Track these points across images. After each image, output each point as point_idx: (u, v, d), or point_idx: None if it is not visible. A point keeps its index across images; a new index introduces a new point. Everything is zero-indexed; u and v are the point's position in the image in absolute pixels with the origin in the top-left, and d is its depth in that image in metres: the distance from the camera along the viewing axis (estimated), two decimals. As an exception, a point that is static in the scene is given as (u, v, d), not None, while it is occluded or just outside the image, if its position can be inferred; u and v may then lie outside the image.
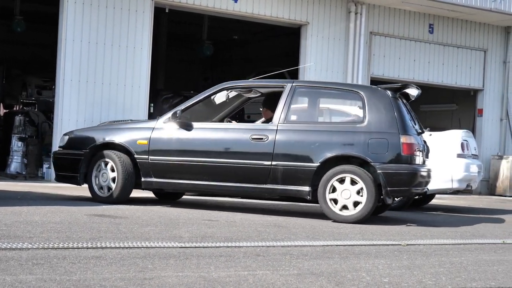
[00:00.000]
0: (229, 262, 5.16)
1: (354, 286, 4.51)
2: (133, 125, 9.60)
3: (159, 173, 9.04)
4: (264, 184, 8.69)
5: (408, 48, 18.51)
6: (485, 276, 5.26)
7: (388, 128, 8.60)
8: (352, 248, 6.34)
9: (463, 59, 19.42)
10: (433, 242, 7.18)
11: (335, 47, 17.25)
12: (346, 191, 8.43)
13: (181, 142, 9.03)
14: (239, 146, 8.88)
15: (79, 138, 9.64)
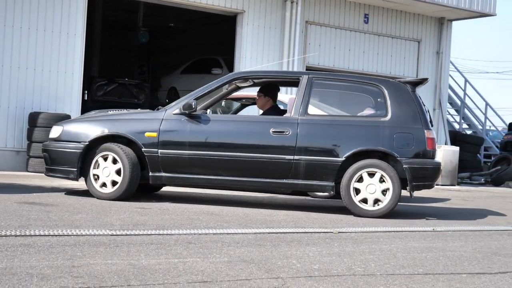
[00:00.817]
0: (160, 249, 5.13)
1: (284, 273, 4.53)
2: (136, 115, 8.85)
3: (170, 167, 8.50)
4: (285, 179, 8.46)
5: (343, 38, 18.62)
6: (413, 263, 5.33)
7: (412, 123, 8.66)
8: (284, 236, 6.37)
9: (397, 49, 19.63)
10: (364, 229, 7.26)
11: (271, 36, 17.25)
12: (372, 186, 8.42)
13: (195, 135, 8.53)
14: (258, 139, 8.54)
15: (76, 129, 8.75)
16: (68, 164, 8.60)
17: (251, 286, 4.06)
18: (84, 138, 8.60)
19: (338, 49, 18.49)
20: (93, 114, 9.16)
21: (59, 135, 8.76)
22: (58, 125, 8.97)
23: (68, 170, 8.60)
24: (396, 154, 8.48)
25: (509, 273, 5.19)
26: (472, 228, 8.08)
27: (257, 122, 8.80)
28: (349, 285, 4.32)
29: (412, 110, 8.73)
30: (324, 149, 8.50)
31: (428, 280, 4.66)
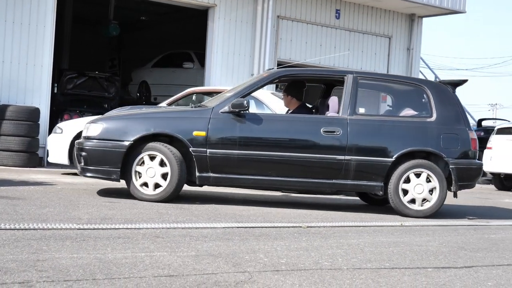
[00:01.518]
0: (127, 243, 5.10)
1: (251, 267, 4.53)
2: (180, 114, 8.45)
3: (219, 167, 8.18)
4: (334, 179, 8.38)
5: (314, 33, 18.66)
6: (380, 257, 5.36)
7: (456, 123, 8.77)
8: (253, 230, 6.37)
9: (368, 45, 19.72)
10: (333, 224, 7.28)
11: (243, 31, 17.24)
12: (419, 186, 8.48)
13: (244, 134, 8.24)
14: (309, 139, 8.40)
15: (118, 127, 8.19)
16: (110, 164, 8.08)
17: (218, 280, 4.06)
18: (128, 136, 8.09)
19: (309, 44, 18.54)
20: (130, 111, 8.63)
21: (99, 133, 8.15)
22: (96, 122, 8.35)
23: (110, 170, 8.08)
24: (443, 154, 8.57)
25: (474, 267, 5.23)
26: (439, 223, 8.14)
27: (307, 121, 8.58)
28: (316, 279, 4.33)
29: (455, 110, 8.87)
30: (374, 149, 8.49)
31: (394, 274, 4.69)
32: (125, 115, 8.42)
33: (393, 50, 20.14)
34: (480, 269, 5.19)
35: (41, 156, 13.99)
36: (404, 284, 4.41)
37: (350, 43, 19.29)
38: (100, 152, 8.12)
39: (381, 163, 8.42)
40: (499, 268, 5.28)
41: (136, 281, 3.89)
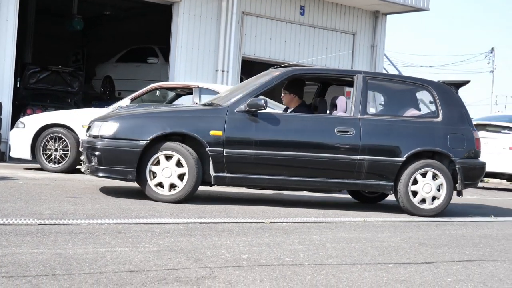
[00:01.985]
0: (88, 239, 5.07)
1: (212, 263, 4.53)
2: (194, 113, 8.30)
3: (235, 167, 8.09)
4: (347, 179, 8.46)
5: (279, 29, 18.69)
6: (342, 253, 5.39)
7: (461, 124, 8.98)
8: (216, 226, 6.37)
9: (333, 42, 19.79)
10: (296, 220, 7.30)
11: (207, 26, 17.21)
12: (428, 185, 8.63)
13: (261, 133, 8.19)
14: (324, 139, 8.42)
15: (134, 126, 7.98)
16: (126, 164, 7.84)
17: (178, 276, 4.06)
18: (144, 135, 7.87)
19: (274, 40, 18.56)
20: (143, 110, 8.39)
21: (114, 133, 7.89)
22: (110, 121, 8.04)
23: (125, 170, 7.84)
24: (451, 154, 8.75)
25: (435, 263, 5.29)
26: (401, 219, 8.21)
27: (321, 121, 8.62)
28: (277, 274, 4.34)
29: (459, 111, 9.06)
30: (385, 149, 8.59)
31: (355, 270, 4.72)
32: (139, 114, 8.20)
33: (357, 46, 20.23)
34: (440, 264, 5.24)
35: (3, 151, 13.84)
36: (365, 280, 4.44)
37: (315, 40, 19.34)
38: (116, 152, 7.86)
39: (391, 163, 8.55)
40: (459, 264, 5.34)
41: (96, 276, 3.87)
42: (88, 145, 8.10)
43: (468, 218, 8.98)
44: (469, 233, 7.37)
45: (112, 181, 10.24)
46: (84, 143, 8.30)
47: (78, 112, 11.93)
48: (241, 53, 17.96)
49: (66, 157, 11.36)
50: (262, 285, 4.02)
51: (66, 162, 11.34)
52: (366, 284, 4.30)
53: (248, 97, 8.22)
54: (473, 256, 5.78)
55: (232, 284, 3.98)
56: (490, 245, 6.52)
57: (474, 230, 7.70)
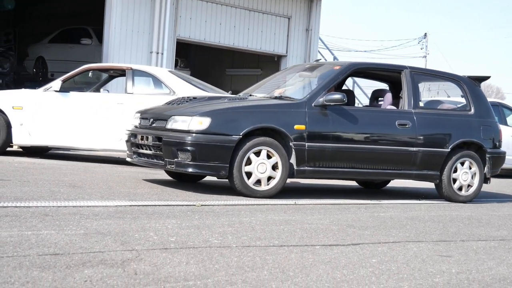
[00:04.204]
0: (14, 222, 5.01)
1: (140, 246, 4.52)
2: (277, 107, 8.32)
3: (314, 160, 8.35)
4: (404, 169, 9.07)
5: (214, 12, 18.64)
6: (270, 235, 5.44)
7: (488, 116, 9.90)
8: (146, 208, 6.35)
9: (268, 25, 19.83)
10: (227, 203, 7.32)
11: (142, 7, 17.06)
12: (465, 174, 9.49)
13: (337, 127, 8.52)
14: (389, 131, 8.94)
15: (225, 121, 7.91)
16: (219, 159, 7.78)
17: (104, 258, 4.04)
18: (236, 130, 7.85)
19: (209, 23, 18.52)
20: (226, 104, 8.33)
21: (207, 127, 7.76)
22: (201, 115, 7.86)
23: (219, 166, 7.78)
24: (484, 145, 9.63)
25: (361, 244, 5.38)
26: (332, 201, 8.31)
27: (385, 114, 9.15)
28: (204, 256, 4.36)
29: (485, 104, 9.97)
30: (436, 140, 9.27)
31: (282, 252, 4.77)
32: (228, 108, 8.10)
33: (292, 30, 20.32)
34: (366, 246, 5.33)
35: None
36: (291, 261, 4.49)
37: (250, 23, 19.36)
38: (210, 147, 7.76)
39: (440, 154, 9.26)
40: (384, 245, 5.44)
41: (19, 259, 3.83)
42: (172, 140, 7.87)
43: (397, 200, 9.13)
44: (397, 215, 7.50)
45: (43, 163, 10.12)
46: (161, 137, 8.01)
47: (8, 93, 11.72)
48: (176, 35, 17.87)
49: (-4, 139, 11.13)
50: (188, 267, 4.04)
51: (-4, 144, 11.13)
52: (291, 265, 4.35)
53: (322, 91, 8.53)
54: (398, 238, 5.89)
55: (157, 266, 3.99)
56: (416, 227, 6.65)
57: (402, 212, 7.84)
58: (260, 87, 9.81)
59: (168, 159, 7.92)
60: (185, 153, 7.79)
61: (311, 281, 3.99)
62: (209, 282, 3.76)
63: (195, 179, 9.40)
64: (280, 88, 9.40)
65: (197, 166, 7.76)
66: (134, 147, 8.57)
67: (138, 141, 8.42)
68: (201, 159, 7.74)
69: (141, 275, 3.75)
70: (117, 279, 3.63)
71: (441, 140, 9.33)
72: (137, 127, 8.71)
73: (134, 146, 8.57)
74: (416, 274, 4.46)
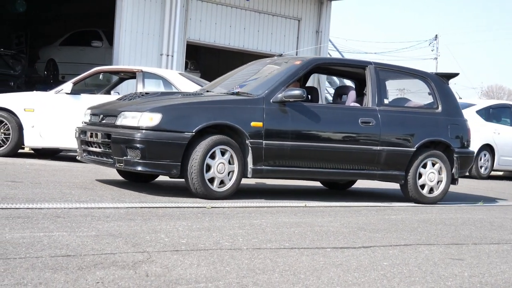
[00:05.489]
0: (26, 223, 5.03)
1: (151, 247, 4.53)
2: (233, 103, 7.86)
3: (272, 159, 7.88)
4: (368, 169, 8.67)
5: (224, 14, 18.65)
6: (281, 237, 5.43)
7: (456, 114, 9.45)
8: (156, 210, 6.36)
9: (278, 27, 19.83)
10: (237, 205, 7.32)
11: (152, 10, 17.09)
12: (432, 174, 9.05)
13: (297, 124, 8.06)
14: (352, 130, 8.51)
15: (177, 117, 7.45)
16: (170, 157, 7.34)
17: (116, 260, 4.05)
18: (188, 127, 7.40)
19: (219, 25, 18.53)
20: (179, 99, 7.89)
21: (158, 124, 7.31)
22: (151, 111, 7.42)
23: (170, 164, 7.34)
24: (452, 144, 9.19)
25: (372, 247, 5.37)
26: (342, 204, 8.29)
27: (348, 112, 8.74)
28: (215, 259, 4.37)
29: (453, 102, 9.55)
30: (401, 139, 8.86)
31: (293, 254, 4.77)
32: (181, 104, 7.67)
33: (303, 32, 20.31)
34: (377, 249, 5.32)
35: None
36: (302, 263, 4.49)
37: (260, 25, 19.37)
38: (161, 145, 7.31)
39: (405, 153, 8.84)
40: (396, 248, 5.43)
41: (32, 261, 3.84)
42: (121, 137, 7.46)
43: (408, 203, 9.11)
44: (408, 218, 7.48)
45: (55, 165, 10.15)
46: (110, 134, 7.61)
47: (19, 96, 11.76)
48: (186, 38, 17.88)
49: (8, 140, 11.19)
50: (199, 269, 4.04)
51: (8, 146, 11.18)
52: (302, 268, 4.34)
53: (281, 87, 8.08)
54: (410, 241, 5.87)
55: (169, 268, 3.99)
56: (428, 230, 6.63)
57: (413, 215, 7.82)
58: (219, 83, 9.29)
59: (117, 157, 7.51)
60: (134, 151, 7.37)
61: (322, 284, 3.99)
62: (220, 284, 3.76)
63: (148, 179, 8.95)
64: (239, 84, 8.82)
65: (147, 165, 7.34)
66: (84, 145, 8.14)
67: (88, 138, 7.99)
68: (151, 157, 7.31)
69: (152, 277, 3.76)
70: (129, 281, 3.63)
71: (407, 139, 8.89)
72: (87, 123, 8.30)
73: (84, 143, 8.13)
74: (428, 277, 4.45)
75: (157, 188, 8.19)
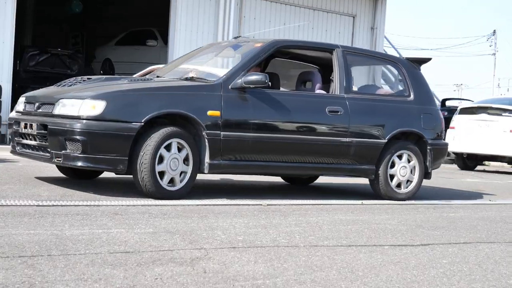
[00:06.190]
0: (85, 220, 5.09)
1: (208, 244, 4.54)
2: (187, 89, 7.05)
3: (231, 153, 7.12)
4: (336, 163, 7.87)
5: (278, 12, 18.63)
6: (338, 235, 5.40)
7: (429, 103, 8.70)
8: (213, 208, 6.38)
9: (332, 24, 19.74)
10: (293, 202, 7.31)
11: (206, 8, 17.16)
12: (403, 169, 8.29)
13: (259, 114, 7.30)
14: (319, 119, 7.72)
15: (123, 105, 6.63)
16: (116, 151, 6.51)
17: (173, 257, 4.07)
18: (136, 116, 6.58)
19: (273, 22, 18.51)
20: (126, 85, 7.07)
21: (101, 113, 6.47)
22: (94, 98, 6.58)
23: (116, 159, 6.51)
24: (425, 135, 8.45)
25: (431, 245, 5.30)
26: (399, 202, 8.20)
27: (315, 100, 7.89)
28: (272, 256, 4.36)
29: (426, 90, 8.78)
30: (371, 130, 8.10)
31: (350, 252, 4.73)
32: (128, 90, 6.86)
33: (357, 29, 20.18)
34: (436, 247, 5.25)
35: (3, 134, 13.85)
36: (360, 261, 4.45)
37: (314, 22, 19.30)
38: (104, 137, 6.48)
39: (375, 145, 8.09)
40: (455, 246, 5.35)
41: (91, 257, 3.88)
42: (58, 128, 6.59)
43: (467, 200, 8.98)
44: (467, 216, 7.38)
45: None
46: (46, 124, 6.76)
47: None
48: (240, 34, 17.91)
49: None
50: (257, 266, 4.04)
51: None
52: (360, 265, 4.31)
53: (241, 72, 7.26)
54: (469, 239, 5.79)
55: (226, 265, 4.00)
56: (488, 228, 6.53)
57: (472, 213, 7.70)
58: (171, 69, 8.43)
59: (54, 151, 6.64)
60: (74, 144, 6.49)
61: (380, 281, 3.95)
62: (278, 281, 3.75)
63: (93, 176, 8.04)
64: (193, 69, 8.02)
65: (88, 160, 6.46)
66: (17, 137, 7.27)
67: (21, 129, 7.12)
68: (93, 151, 6.44)
69: (210, 274, 3.77)
70: (187, 277, 3.65)
71: (377, 130, 8.08)
72: (21, 113, 7.33)
73: (17, 135, 7.27)
74: (489, 275, 4.37)
75: (217, 186, 8.22)
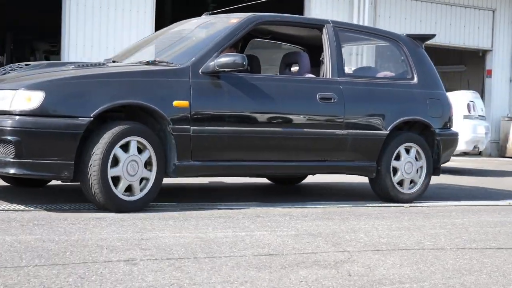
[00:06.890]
0: (228, 223, 5.15)
1: (351, 247, 4.49)
2: (140, 76, 5.75)
3: (204, 152, 5.91)
4: (332, 160, 6.71)
5: (414, 9, 18.30)
6: (486, 237, 5.23)
7: (436, 87, 7.45)
8: (353, 210, 6.32)
9: (471, 19, 19.20)
10: (436, 204, 7.14)
11: (340, 8, 17.07)
12: (409, 165, 7.02)
13: (237, 103, 6.11)
14: (309, 108, 6.53)
15: (66, 96, 5.37)
16: (59, 154, 5.26)
17: (317, 259, 4.05)
18: (84, 110, 5.34)
19: (409, 20, 18.21)
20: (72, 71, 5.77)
21: (39, 106, 5.22)
22: (29, 88, 5.29)
23: (59, 164, 5.26)
24: (432, 124, 7.20)
25: None
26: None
27: (304, 85, 6.65)
28: (417, 258, 4.26)
29: (431, 71, 7.50)
30: (369, 120, 6.86)
31: (500, 255, 4.56)
32: (73, 78, 5.57)
33: (497, 23, 19.53)
34: None
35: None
36: (511, 265, 4.28)
37: (452, 18, 18.84)
38: (43, 137, 5.24)
39: (376, 138, 6.85)
40: None
41: (236, 259, 3.92)
42: (5, 128, 5.21)
43: None
44: None
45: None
46: None
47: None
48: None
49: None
50: (402, 269, 3.95)
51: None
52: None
53: (214, 53, 6.00)
54: None
55: (371, 268, 3.94)
56: None
57: None
58: (131, 53, 7.10)
59: None
60: (5, 146, 5.23)
61: (534, 286, 3.78)
62: (425, 285, 3.65)
63: (41, 183, 6.78)
64: None
65: (24, 166, 5.20)
66: None
67: None
68: (30, 155, 5.18)
69: (355, 277, 3.72)
70: (332, 280, 3.61)
71: (376, 119, 6.83)
72: None
73: None
74: None
75: (359, 188, 8.16)
